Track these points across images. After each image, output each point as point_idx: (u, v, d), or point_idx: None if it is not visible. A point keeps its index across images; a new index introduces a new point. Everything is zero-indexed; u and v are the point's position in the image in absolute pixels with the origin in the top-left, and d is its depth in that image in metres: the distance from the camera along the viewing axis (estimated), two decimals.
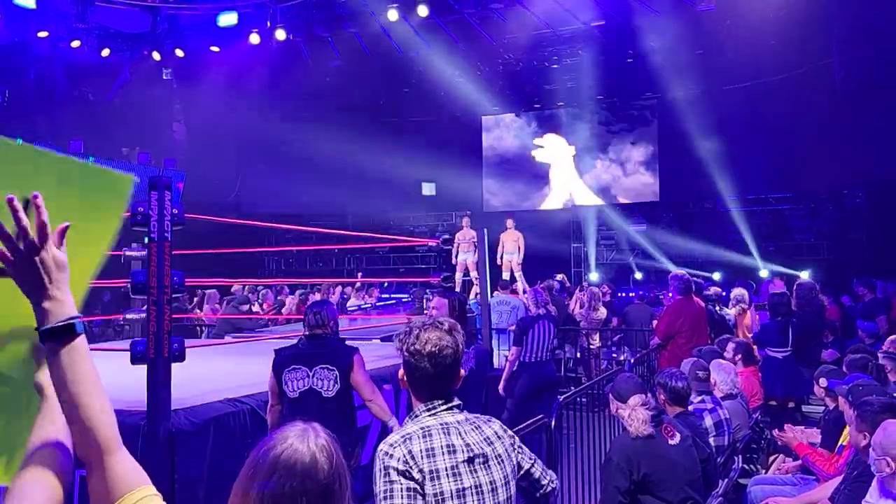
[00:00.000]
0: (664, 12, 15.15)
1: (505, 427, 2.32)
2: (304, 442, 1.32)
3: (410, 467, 2.08)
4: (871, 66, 10.32)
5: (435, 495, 2.07)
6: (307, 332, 4.25)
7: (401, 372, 2.27)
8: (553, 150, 19.25)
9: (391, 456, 2.10)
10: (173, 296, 3.56)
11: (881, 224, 13.96)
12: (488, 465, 2.16)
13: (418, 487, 2.08)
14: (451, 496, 2.08)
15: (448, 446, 2.13)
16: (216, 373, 5.53)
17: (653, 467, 3.41)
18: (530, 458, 2.38)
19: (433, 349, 2.17)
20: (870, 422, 3.29)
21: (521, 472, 2.33)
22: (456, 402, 2.23)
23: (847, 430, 3.96)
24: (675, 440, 3.55)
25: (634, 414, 3.52)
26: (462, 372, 2.28)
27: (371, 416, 4.53)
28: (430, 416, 2.19)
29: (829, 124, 14.60)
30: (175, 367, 3.57)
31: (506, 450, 2.24)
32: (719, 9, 14.67)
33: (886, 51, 10.07)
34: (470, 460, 2.13)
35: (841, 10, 10.76)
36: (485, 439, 2.20)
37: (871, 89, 10.97)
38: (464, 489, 2.09)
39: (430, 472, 2.09)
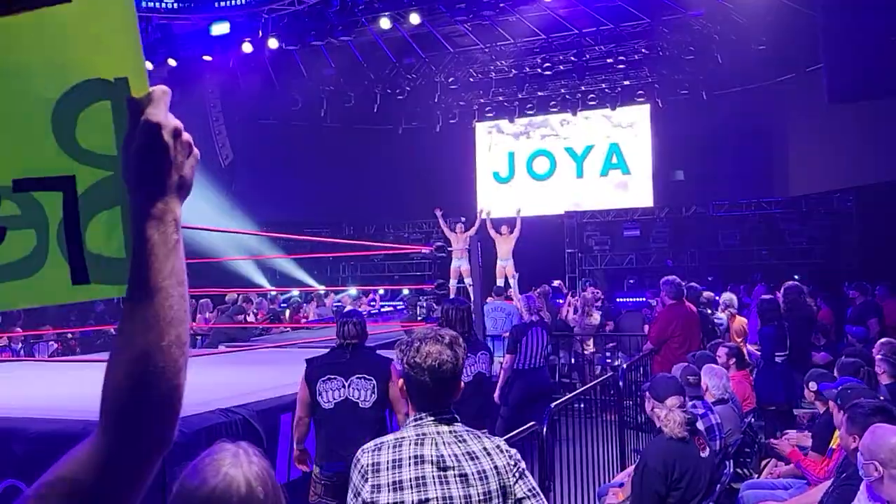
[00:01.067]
0: (654, 18, 15.24)
1: (507, 448, 2.25)
2: (239, 468, 1.19)
3: (367, 479, 2.15)
4: (858, 71, 10.37)
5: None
6: (343, 342, 4.21)
7: (400, 382, 2.29)
8: (548, 157, 19.30)
9: (358, 461, 2.21)
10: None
11: (871, 228, 14.03)
12: (465, 479, 2.11)
13: (368, 499, 2.13)
14: None
15: (417, 457, 2.13)
16: (209, 383, 5.53)
17: (683, 472, 3.38)
18: (530, 491, 2.20)
19: (433, 363, 2.18)
20: (860, 424, 3.30)
21: (513, 501, 2.19)
22: (447, 414, 2.22)
23: (837, 433, 3.98)
24: (706, 453, 3.55)
25: (671, 415, 3.51)
26: (462, 385, 2.28)
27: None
28: (413, 426, 2.21)
29: (818, 129, 14.70)
30: None
31: (495, 467, 2.16)
32: (709, 15, 14.75)
33: (872, 57, 10.13)
34: (442, 471, 2.11)
35: (827, 17, 10.82)
36: (467, 453, 2.16)
37: (858, 95, 11.02)
38: (427, 499, 2.09)
39: (392, 483, 2.11)
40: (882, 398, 4.75)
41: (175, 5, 13.80)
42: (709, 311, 8.89)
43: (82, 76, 0.98)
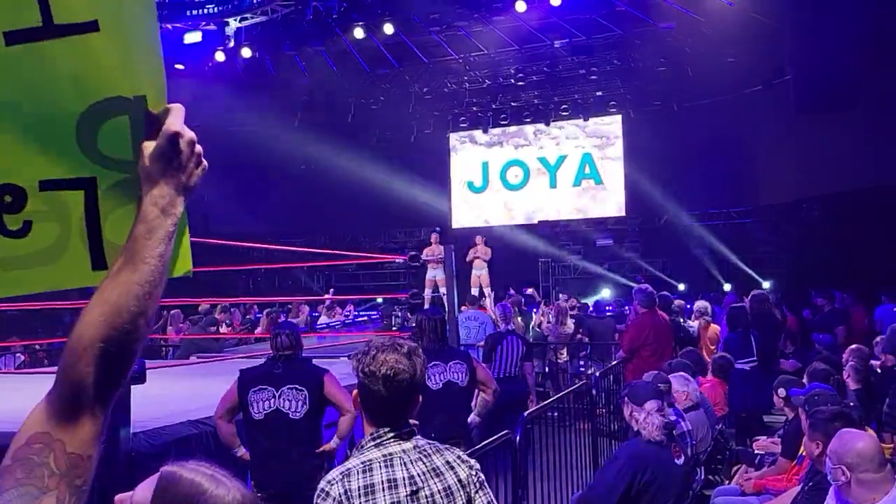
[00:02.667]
0: (626, 31, 15.43)
1: (467, 458, 2.20)
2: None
3: None
4: (824, 83, 10.61)
5: None
6: (276, 353, 4.19)
7: (355, 393, 2.16)
8: (522, 167, 19.41)
9: (328, 494, 2.03)
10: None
11: (838, 236, 14.29)
12: (433, 499, 2.05)
13: None
14: None
15: (389, 481, 2.02)
16: (179, 394, 5.46)
17: (655, 477, 3.40)
18: (489, 503, 2.16)
19: (388, 372, 2.05)
20: (821, 430, 3.35)
21: None
22: (406, 428, 2.12)
23: None
24: (681, 461, 3.58)
25: (650, 419, 3.53)
26: (419, 398, 2.16)
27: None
28: (374, 446, 2.08)
29: (786, 140, 14.97)
30: (137, 388, 3.51)
31: (458, 481, 2.11)
32: (679, 28, 14.97)
33: (838, 70, 10.37)
34: (413, 493, 2.03)
35: (795, 30, 11.07)
36: (432, 469, 2.09)
37: (825, 106, 11.27)
38: None
39: (366, 492, 2.01)
40: (851, 404, 4.84)
41: None
42: (681, 320, 8.98)
43: (106, 94, 1.11)
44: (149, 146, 1.08)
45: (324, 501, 2.02)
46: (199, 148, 1.12)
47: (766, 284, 12.14)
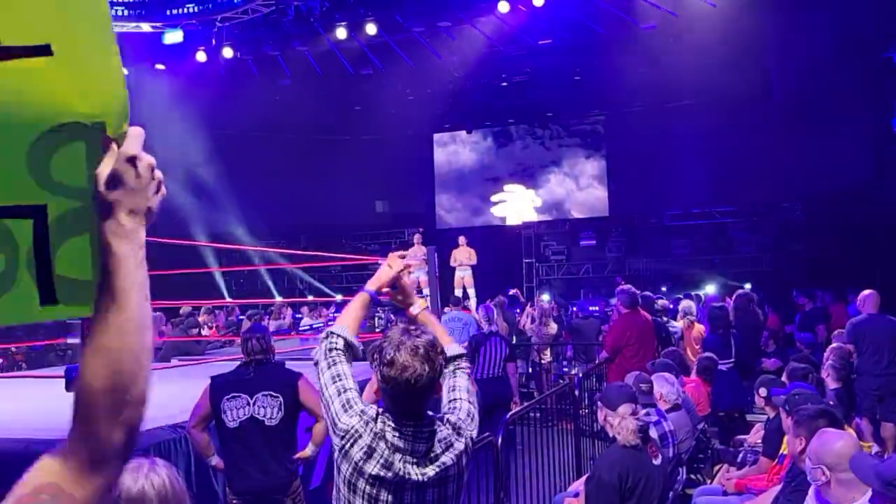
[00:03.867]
0: (609, 31, 15.48)
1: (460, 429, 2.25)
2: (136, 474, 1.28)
3: (359, 429, 2.12)
4: (805, 86, 10.71)
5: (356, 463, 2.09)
6: (247, 359, 4.13)
7: (375, 387, 2.26)
8: (505, 167, 19.44)
9: (364, 411, 2.17)
10: None
11: (818, 235, 14.44)
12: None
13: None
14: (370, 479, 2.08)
15: (384, 472, 2.09)
16: (159, 398, 5.38)
17: (637, 480, 3.40)
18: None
19: (409, 377, 2.07)
20: (805, 427, 3.37)
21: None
22: (426, 428, 2.15)
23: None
24: (658, 461, 3.58)
25: (624, 423, 3.53)
26: (441, 384, 2.23)
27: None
28: (392, 430, 2.13)
29: (767, 140, 15.09)
30: None
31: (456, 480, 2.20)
32: (661, 29, 15.05)
33: (818, 72, 10.47)
34: (415, 465, 2.10)
35: (775, 32, 11.16)
36: (421, 474, 2.12)
37: (805, 108, 11.38)
38: (391, 476, 2.08)
39: (356, 462, 2.10)
40: (832, 403, 4.88)
41: (125, 12, 13.54)
42: (664, 319, 9.02)
43: (61, 120, 1.05)
44: (104, 172, 1.03)
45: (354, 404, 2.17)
46: (158, 173, 1.07)
47: (748, 286, 12.21)
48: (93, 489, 0.93)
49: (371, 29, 14.55)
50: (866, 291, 7.23)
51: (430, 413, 2.23)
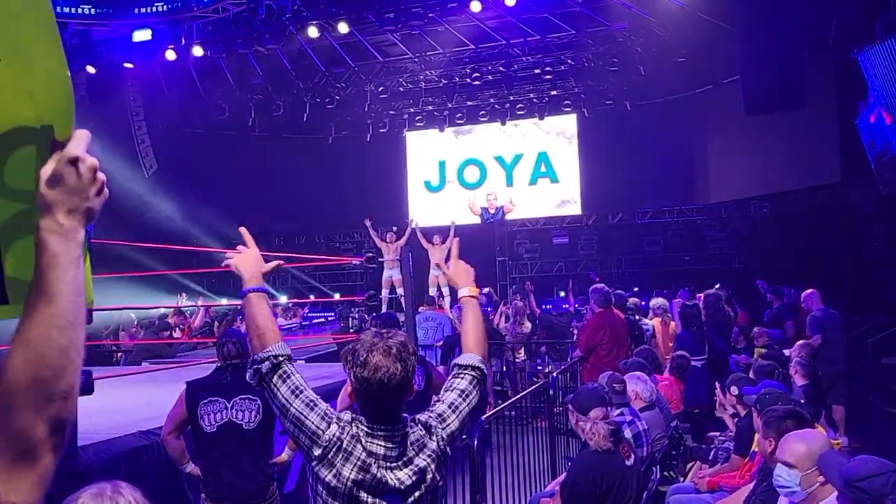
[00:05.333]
0: (580, 30, 15.58)
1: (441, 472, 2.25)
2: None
3: (334, 431, 2.13)
4: (773, 83, 10.86)
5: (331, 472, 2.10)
6: (224, 363, 4.10)
7: (349, 389, 2.23)
8: (478, 165, 19.44)
9: (339, 418, 2.18)
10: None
11: (785, 233, 14.67)
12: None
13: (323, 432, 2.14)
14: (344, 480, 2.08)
15: (363, 461, 2.10)
16: (130, 404, 5.34)
17: (611, 484, 3.42)
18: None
19: (382, 377, 2.09)
20: (774, 428, 3.42)
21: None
22: (399, 430, 2.17)
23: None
24: (631, 461, 3.60)
25: (595, 427, 3.53)
26: (414, 386, 2.24)
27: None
28: (367, 434, 2.15)
29: (736, 138, 15.30)
30: (86, 399, 3.41)
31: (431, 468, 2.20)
32: (631, 28, 15.17)
33: (786, 70, 10.62)
34: (389, 470, 2.11)
35: (743, 31, 11.30)
36: (397, 480, 2.13)
37: (773, 106, 11.54)
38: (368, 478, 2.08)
39: (336, 468, 2.10)
40: (802, 401, 4.96)
41: (92, 11, 13.30)
42: (637, 318, 9.10)
43: (9, 125, 1.07)
44: (45, 173, 1.04)
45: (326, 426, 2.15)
46: (101, 175, 1.07)
47: (717, 286, 12.39)
48: (24, 483, 0.92)
49: (343, 28, 14.46)
50: (809, 290, 8.47)
51: (404, 415, 2.24)
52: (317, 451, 2.14)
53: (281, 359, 2.25)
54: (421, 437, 2.20)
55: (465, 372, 2.40)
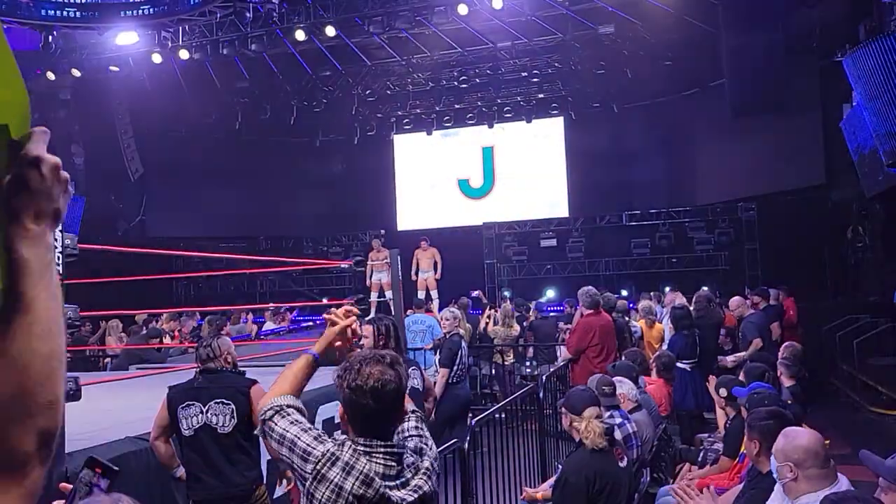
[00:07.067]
0: (566, 34, 15.64)
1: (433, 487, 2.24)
2: None
3: (320, 468, 2.08)
4: (757, 88, 10.96)
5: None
6: (200, 367, 4.13)
7: (340, 410, 2.19)
8: (466, 168, 19.47)
9: (328, 450, 2.11)
10: (67, 331, 3.39)
11: (771, 235, 14.79)
12: None
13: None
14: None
15: (366, 476, 2.07)
16: (118, 409, 5.30)
17: (604, 484, 3.42)
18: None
19: (375, 384, 2.09)
20: (758, 430, 3.43)
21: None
22: (396, 448, 2.15)
23: None
24: (624, 463, 3.60)
25: (590, 426, 3.54)
26: (407, 406, 2.22)
27: None
28: (364, 454, 2.11)
29: (722, 140, 15.41)
30: (73, 405, 3.38)
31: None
32: (618, 31, 15.25)
33: (770, 73, 10.71)
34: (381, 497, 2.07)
35: (728, 35, 11.39)
36: (399, 499, 2.10)
37: (757, 110, 11.64)
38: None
39: (334, 483, 2.06)
40: (789, 402, 4.99)
41: (77, 14, 13.20)
42: (626, 319, 9.13)
43: None
44: (7, 176, 0.99)
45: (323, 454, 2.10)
46: (64, 174, 1.03)
47: (705, 288, 12.46)
48: (14, 502, 0.89)
49: (330, 31, 14.44)
50: (736, 297, 9.02)
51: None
52: (308, 467, 2.10)
53: (286, 405, 2.23)
54: (414, 461, 2.20)
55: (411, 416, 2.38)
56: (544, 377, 6.90)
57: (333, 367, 2.27)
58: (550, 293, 16.50)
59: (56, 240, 3.30)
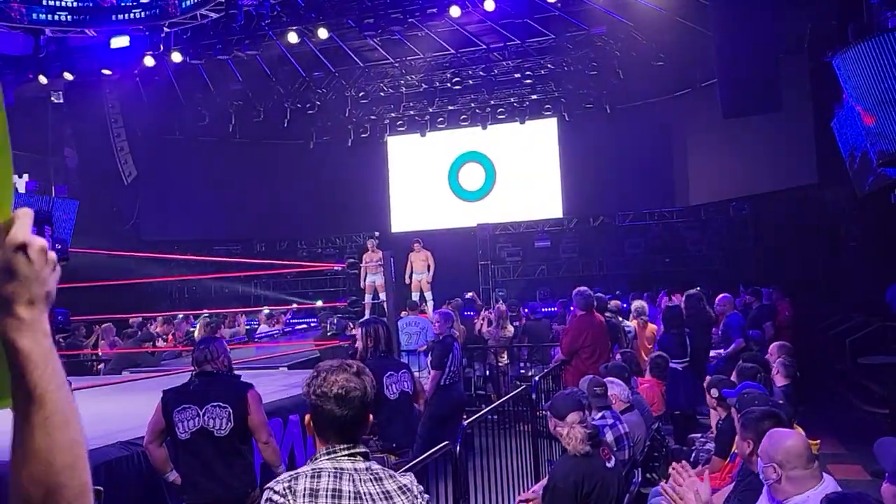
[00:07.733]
0: (559, 35, 15.68)
1: (417, 485, 2.23)
2: None
3: (287, 500, 2.03)
4: (749, 88, 10.99)
5: None
6: (196, 370, 4.12)
7: (307, 417, 2.21)
8: (460, 170, 19.48)
9: (274, 490, 2.06)
10: (58, 335, 3.40)
11: (764, 234, 14.83)
12: None
13: None
14: None
15: (334, 490, 2.05)
16: (110, 413, 5.29)
17: (592, 487, 3.43)
18: None
19: (339, 391, 2.12)
20: (751, 429, 3.45)
21: None
22: (361, 448, 2.16)
23: None
24: (611, 463, 3.61)
25: (573, 432, 3.55)
26: (371, 418, 2.22)
27: None
28: (327, 458, 2.12)
29: (714, 141, 15.45)
30: None
31: None
32: (610, 32, 15.28)
33: (762, 73, 10.75)
34: None
35: (720, 35, 11.42)
36: (383, 493, 2.11)
37: (750, 109, 11.67)
38: None
39: (308, 489, 2.04)
40: (781, 401, 5.00)
41: (69, 18, 13.17)
42: (619, 319, 9.15)
43: None
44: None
45: (270, 494, 2.05)
46: (52, 255, 1.01)
47: (698, 287, 12.49)
48: None
49: (323, 33, 14.43)
50: (722, 296, 8.93)
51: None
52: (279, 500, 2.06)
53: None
54: (403, 481, 2.19)
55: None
56: (537, 378, 6.91)
57: (305, 377, 2.29)
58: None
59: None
